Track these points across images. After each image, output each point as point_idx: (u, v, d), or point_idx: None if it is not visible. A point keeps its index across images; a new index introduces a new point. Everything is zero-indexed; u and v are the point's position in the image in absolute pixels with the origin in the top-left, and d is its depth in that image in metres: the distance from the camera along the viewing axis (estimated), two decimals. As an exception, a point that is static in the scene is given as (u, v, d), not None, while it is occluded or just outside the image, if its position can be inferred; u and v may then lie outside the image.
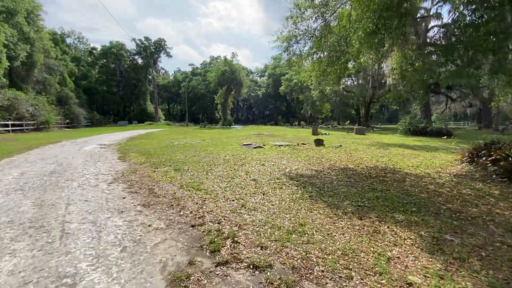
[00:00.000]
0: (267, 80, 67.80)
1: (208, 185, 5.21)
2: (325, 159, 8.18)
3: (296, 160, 8.03)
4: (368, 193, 4.69)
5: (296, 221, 3.42)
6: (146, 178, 5.84)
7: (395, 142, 14.41)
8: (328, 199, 4.33)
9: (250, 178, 5.76)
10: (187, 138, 15.82)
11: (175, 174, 6.18)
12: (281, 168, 6.83)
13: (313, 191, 4.78)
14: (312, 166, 7.14)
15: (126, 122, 46.62)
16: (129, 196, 4.51)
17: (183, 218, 3.56)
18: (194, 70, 76.78)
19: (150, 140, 14.87)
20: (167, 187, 5.09)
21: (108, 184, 5.34)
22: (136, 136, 17.89)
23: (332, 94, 38.70)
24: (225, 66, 42.60)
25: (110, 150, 10.50)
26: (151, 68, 56.77)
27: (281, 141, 13.27)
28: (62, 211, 3.81)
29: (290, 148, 10.72)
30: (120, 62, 53.15)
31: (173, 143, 12.87)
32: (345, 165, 7.36)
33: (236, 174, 6.12)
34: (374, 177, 5.90)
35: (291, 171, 6.51)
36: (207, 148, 10.67)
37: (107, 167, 7.06)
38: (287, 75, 46.62)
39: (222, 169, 6.69)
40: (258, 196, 4.51)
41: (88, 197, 4.43)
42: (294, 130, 28.76)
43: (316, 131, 19.80)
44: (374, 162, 7.92)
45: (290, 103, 64.54)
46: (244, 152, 9.51)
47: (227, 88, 43.37)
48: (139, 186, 5.17)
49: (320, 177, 5.90)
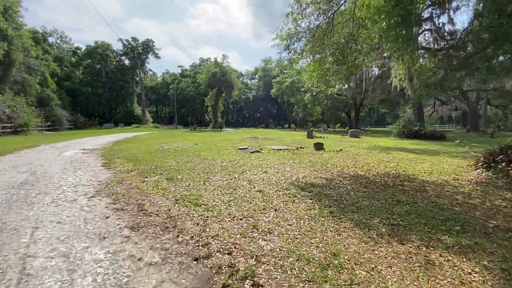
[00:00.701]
0: (257, 83, 67.48)
1: (207, 198, 4.47)
2: (330, 165, 7.59)
3: (300, 166, 7.39)
4: (395, 207, 4.09)
5: (325, 248, 2.76)
6: (134, 190, 5.03)
7: (393, 146, 14.08)
8: (353, 215, 3.69)
9: (254, 188, 5.07)
10: (177, 142, 14.92)
11: (168, 184, 5.40)
12: (286, 176, 6.17)
13: (331, 205, 4.13)
14: (319, 173, 6.52)
15: (112, 125, 44.84)
16: (113, 215, 3.71)
17: (183, 246, 2.82)
18: (183, 72, 75.44)
19: (137, 144, 13.89)
20: (160, 201, 4.32)
21: (89, 198, 4.50)
22: (122, 140, 16.81)
23: (323, 97, 38.63)
24: (215, 67, 41.70)
25: (93, 156, 9.53)
26: (138, 69, 55.18)
27: (278, 145, 12.64)
28: (27, 238, 2.99)
29: (290, 152, 10.09)
30: (106, 62, 51.34)
31: (163, 147, 11.99)
32: (354, 171, 6.79)
33: (238, 184, 5.41)
34: (391, 186, 5.33)
35: (298, 179, 5.85)
36: (201, 153, 9.89)
37: (89, 176, 6.18)
38: (278, 78, 46.32)
39: (221, 178, 5.96)
40: (270, 212, 3.82)
41: (62, 217, 3.60)
42: (287, 133, 28.27)
43: (311, 134, 19.33)
44: (383, 168, 7.40)
45: (281, 106, 64.42)
46: (242, 158, 8.80)
47: (218, 90, 42.46)
48: (126, 200, 4.36)
49: (333, 186, 5.27)
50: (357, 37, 7.43)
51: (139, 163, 7.82)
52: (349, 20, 8.37)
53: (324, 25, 8.42)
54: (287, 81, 43.09)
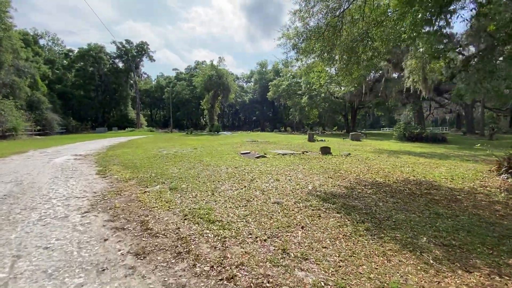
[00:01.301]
0: (253, 86, 67.17)
1: (220, 212, 3.92)
2: (344, 171, 7.11)
3: (312, 172, 6.89)
4: (435, 220, 3.61)
5: (380, 280, 2.24)
6: (134, 203, 4.44)
7: (398, 149, 13.72)
8: (394, 233, 3.19)
9: (270, 200, 4.53)
10: (175, 146, 14.30)
11: (172, 195, 4.83)
12: (301, 184, 5.65)
13: (364, 220, 3.63)
14: (335, 180, 6.02)
15: (105, 129, 43.78)
16: (113, 237, 3.13)
17: (203, 280, 2.27)
18: (178, 75, 74.78)
19: (134, 149, 13.23)
20: (166, 217, 3.75)
21: (83, 214, 3.90)
22: (117, 145, 16.10)
23: (320, 100, 38.42)
24: (212, 70, 41.20)
25: (86, 163, 8.87)
26: (132, 72, 54.29)
27: (282, 149, 12.14)
28: (5, 273, 2.40)
29: (296, 157, 9.59)
30: (99, 65, 50.36)
31: (161, 152, 11.37)
32: (371, 178, 6.31)
33: (251, 194, 4.87)
34: (420, 195, 4.87)
35: (315, 188, 5.35)
36: (202, 158, 9.32)
37: (82, 187, 5.56)
38: (275, 80, 46.02)
39: (229, 187, 5.42)
40: (296, 230, 3.29)
41: (50, 241, 3.01)
42: (286, 136, 27.83)
43: (312, 137, 18.90)
44: (399, 173, 6.96)
45: (277, 109, 64.13)
46: (247, 163, 8.26)
47: (214, 93, 41.92)
48: (127, 216, 3.78)
49: (357, 196, 4.78)
50: (373, 35, 7.00)
51: (137, 170, 7.21)
52: (359, 19, 8.00)
53: (334, 23, 8.00)
54: (283, 84, 42.80)
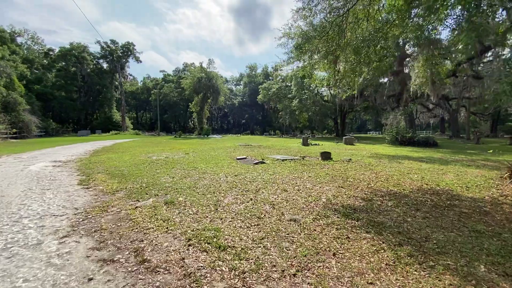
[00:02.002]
0: (243, 89, 66.74)
1: (230, 234, 3.30)
2: (352, 179, 6.64)
3: (320, 181, 6.37)
4: (479, 240, 3.15)
5: None
6: (125, 222, 3.74)
7: (395, 154, 13.51)
8: (444, 260, 2.68)
9: (285, 216, 3.95)
10: (165, 151, 13.47)
11: (169, 212, 4.15)
12: (312, 195, 5.11)
13: (401, 242, 3.11)
14: (348, 190, 5.52)
15: (88, 132, 41.85)
16: (100, 274, 2.45)
17: None
18: (166, 77, 73.27)
19: (120, 154, 12.30)
20: (165, 242, 3.09)
21: (61, 239, 3.18)
22: (101, 149, 15.05)
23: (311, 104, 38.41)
24: (201, 72, 40.36)
25: (67, 170, 7.97)
26: (118, 73, 52.53)
27: (279, 154, 11.61)
28: None
29: (297, 163, 9.08)
30: (82, 65, 48.36)
31: (150, 158, 10.55)
32: (385, 187, 5.87)
33: (260, 209, 4.27)
34: (445, 207, 4.43)
35: (330, 200, 4.81)
36: (197, 165, 8.62)
37: (61, 201, 4.77)
38: (265, 84, 45.74)
39: (234, 200, 4.79)
40: (328, 259, 2.72)
41: (17, 283, 2.29)
42: (277, 140, 27.41)
43: (306, 141, 18.53)
44: (409, 181, 6.56)
45: (267, 112, 63.87)
46: (247, 170, 7.66)
47: (204, 96, 41.04)
48: (117, 242, 3.09)
49: (379, 210, 4.28)
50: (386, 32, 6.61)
51: (125, 180, 6.44)
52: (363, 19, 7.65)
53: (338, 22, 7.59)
54: (274, 87, 42.56)
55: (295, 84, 37.44)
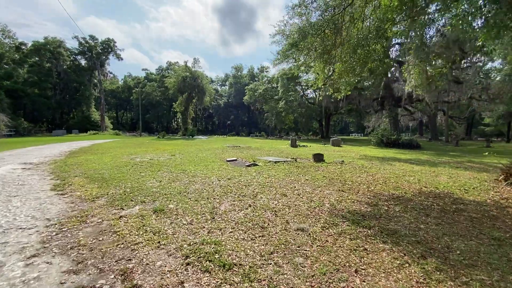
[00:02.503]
0: (228, 90, 66.06)
1: (233, 249, 2.88)
2: (350, 182, 6.41)
3: (319, 184, 6.08)
4: (502, 249, 2.94)
5: None
6: (108, 235, 3.21)
7: (383, 155, 13.60)
8: (477, 275, 2.42)
9: (291, 225, 3.59)
10: (149, 152, 12.73)
11: (160, 222, 3.66)
12: (314, 200, 4.79)
13: (423, 253, 2.83)
14: (349, 194, 5.26)
15: (63, 132, 39.50)
16: (77, 307, 1.95)
17: None
18: (149, 76, 71.14)
19: (99, 155, 11.44)
20: (159, 261, 2.62)
21: (28, 260, 2.62)
22: (78, 150, 14.01)
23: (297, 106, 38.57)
24: (186, 72, 39.33)
25: (39, 174, 7.16)
26: (97, 71, 50.15)
27: (270, 156, 11.27)
28: None
29: (291, 165, 8.77)
30: (57, 61, 45.71)
31: (133, 159, 9.85)
32: (386, 191, 5.66)
33: (262, 217, 3.87)
34: (453, 212, 4.26)
35: (334, 206, 4.51)
36: (185, 168, 8.09)
37: (31, 210, 4.12)
38: (251, 85, 45.45)
39: (231, 207, 4.37)
40: (351, 277, 2.38)
41: (-38, 327, 1.75)
42: (265, 141, 27.12)
43: (295, 143, 18.36)
44: (407, 184, 6.43)
45: (252, 113, 63.59)
46: (240, 173, 7.24)
47: (188, 96, 39.99)
48: (98, 263, 2.58)
49: (388, 216, 4.02)
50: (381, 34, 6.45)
51: (107, 184, 5.82)
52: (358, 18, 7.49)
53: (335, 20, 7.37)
54: (260, 88, 42.34)
55: (281, 86, 37.42)
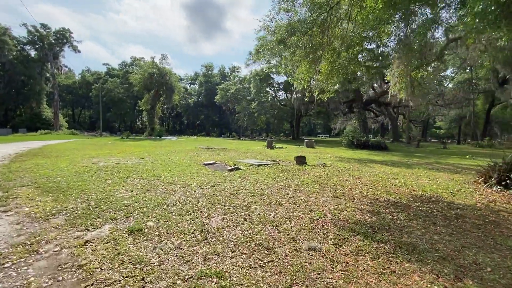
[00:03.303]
0: (198, 88, 64.07)
1: (242, 283, 2.30)
2: (341, 187, 6.15)
3: (311, 190, 5.70)
4: (530, 265, 2.77)
5: None
6: (70, 273, 2.42)
7: (358, 157, 13.86)
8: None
9: (299, 244, 3.10)
10: (113, 155, 11.41)
11: (140, 247, 2.93)
12: (313, 209, 4.37)
13: (455, 272, 2.53)
14: (347, 201, 4.94)
15: (8, 131, 34.81)
16: None
17: None
18: (110, 71, 66.24)
19: (53, 159, 9.91)
20: (146, 310, 1.94)
21: None
22: (27, 153, 12.10)
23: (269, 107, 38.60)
24: (153, 68, 37.07)
25: (-28, 184, 5.77)
26: (50, 63, 45.20)
27: (250, 158, 10.74)
28: None
29: (275, 169, 8.33)
30: (1, 51, 40.17)
31: (96, 164, 8.62)
32: (379, 196, 5.47)
33: (263, 234, 3.33)
34: (454, 219, 4.13)
35: (336, 216, 4.12)
36: (159, 173, 7.21)
37: (-45, 238, 3.09)
38: (223, 84, 44.51)
39: (223, 222, 3.76)
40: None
41: None
42: (240, 142, 26.52)
43: (271, 144, 18.07)
44: (395, 187, 6.34)
45: (224, 113, 62.40)
46: (224, 179, 6.59)
47: (156, 93, 37.75)
48: (58, 321, 1.82)
49: (396, 226, 3.73)
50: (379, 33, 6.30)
51: (64, 196, 4.80)
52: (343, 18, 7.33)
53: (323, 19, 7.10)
54: (232, 88, 41.61)
55: (254, 86, 37.12)
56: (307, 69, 7.63)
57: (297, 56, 7.05)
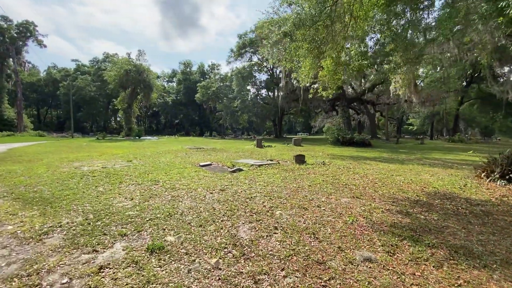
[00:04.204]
0: (177, 86, 61.98)
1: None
2: (354, 186, 5.94)
3: (327, 191, 5.41)
4: None
5: None
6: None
7: (349, 154, 13.95)
8: None
9: (351, 254, 2.77)
10: (95, 158, 10.41)
11: (169, 271, 2.44)
12: (341, 212, 4.07)
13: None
14: (368, 201, 4.71)
15: (-37, 133, 31.16)
16: None
17: None
18: (80, 68, 62.06)
19: (27, 164, 8.78)
20: None
21: None
22: (-9, 157, 10.68)
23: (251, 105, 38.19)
24: (129, 64, 35.07)
25: None
26: (12, 59, 41.24)
27: (246, 158, 10.30)
28: None
29: (278, 169, 7.99)
30: (-49, 43, 35.88)
31: (79, 168, 7.73)
32: (397, 194, 5.32)
33: (305, 245, 2.97)
34: (483, 216, 4.05)
35: (369, 219, 3.85)
36: (155, 177, 6.58)
37: None
38: (204, 82, 43.36)
39: (253, 232, 3.34)
40: None
41: None
42: (225, 142, 25.87)
43: (260, 143, 17.70)
44: (404, 184, 6.28)
45: (204, 112, 60.92)
46: (230, 182, 6.13)
47: (132, 91, 35.76)
48: None
49: (435, 227, 3.53)
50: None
51: (53, 209, 4.09)
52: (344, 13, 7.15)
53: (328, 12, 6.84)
54: (213, 86, 40.64)
55: (237, 84, 36.49)
56: (310, 65, 7.35)
57: (303, 50, 6.73)
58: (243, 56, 37.48)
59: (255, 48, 35.88)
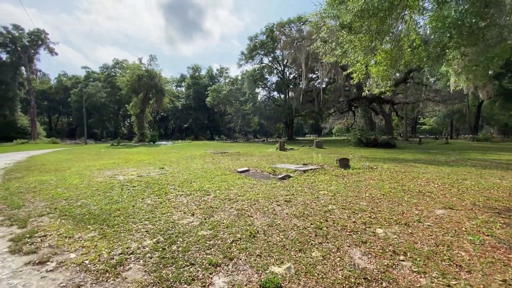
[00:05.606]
0: (186, 91, 61.91)
1: None
2: (430, 193, 5.25)
3: (408, 201, 4.74)
4: None
5: None
6: None
7: (381, 156, 13.19)
8: None
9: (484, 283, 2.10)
10: (123, 166, 9.91)
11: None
12: (447, 228, 3.40)
13: None
14: (468, 213, 4.03)
15: (-21, 141, 31.36)
16: None
17: None
18: (90, 74, 62.61)
19: (55, 173, 8.31)
20: None
21: None
22: (16, 167, 10.29)
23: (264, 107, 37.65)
24: (140, 70, 34.94)
25: (-32, 215, 4.28)
26: (25, 67, 41.67)
27: (286, 164, 9.67)
28: None
29: (328, 174, 7.33)
30: (-34, 54, 36.37)
31: (115, 178, 7.21)
32: (492, 203, 4.62)
33: (449, 276, 2.31)
34: None
35: (494, 235, 3.18)
36: (201, 186, 6.00)
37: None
38: (215, 85, 43.05)
39: (374, 260, 2.70)
40: None
41: None
42: (242, 145, 25.30)
43: (283, 146, 17.07)
44: (484, 190, 5.56)
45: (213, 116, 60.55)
46: (289, 191, 5.50)
47: (145, 97, 35.56)
48: None
49: None
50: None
51: (111, 228, 3.53)
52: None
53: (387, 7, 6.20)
54: (224, 89, 40.25)
55: (248, 87, 36.01)
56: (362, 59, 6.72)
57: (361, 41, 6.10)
58: (254, 58, 37.07)
59: (266, 50, 35.46)
